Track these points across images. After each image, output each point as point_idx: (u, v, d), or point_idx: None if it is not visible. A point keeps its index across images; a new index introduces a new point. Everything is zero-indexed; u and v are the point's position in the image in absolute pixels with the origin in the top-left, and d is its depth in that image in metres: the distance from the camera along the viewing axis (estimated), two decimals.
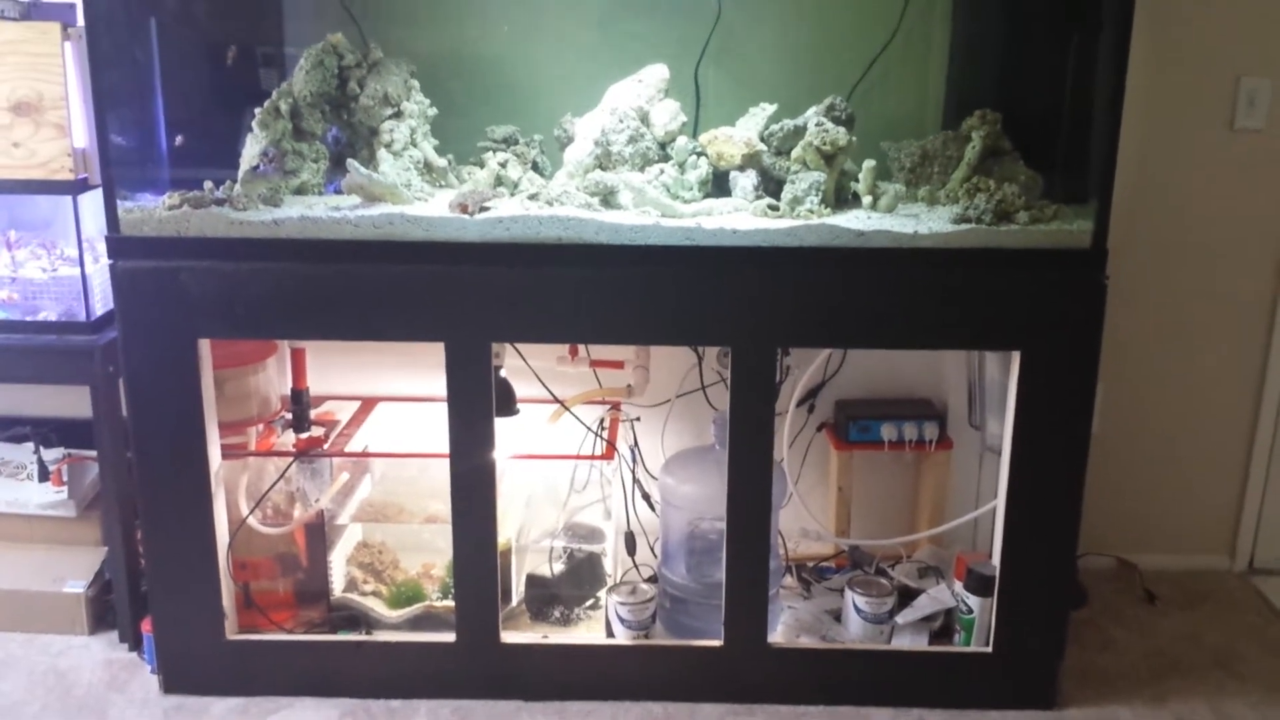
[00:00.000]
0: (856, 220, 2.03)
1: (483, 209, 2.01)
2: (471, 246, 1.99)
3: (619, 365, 2.47)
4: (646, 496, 2.52)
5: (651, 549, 2.51)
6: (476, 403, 2.07)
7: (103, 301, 2.31)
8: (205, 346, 2.08)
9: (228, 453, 2.20)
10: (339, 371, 2.56)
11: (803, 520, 2.56)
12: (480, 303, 2.02)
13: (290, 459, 2.25)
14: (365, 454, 2.35)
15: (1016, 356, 2.04)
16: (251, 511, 2.23)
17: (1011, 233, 1.98)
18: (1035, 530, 2.11)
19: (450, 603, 2.20)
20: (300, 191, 2.14)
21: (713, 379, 2.53)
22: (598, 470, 2.44)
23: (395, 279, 2.01)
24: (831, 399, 2.62)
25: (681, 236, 1.98)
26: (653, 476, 2.53)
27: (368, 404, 2.51)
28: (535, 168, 2.25)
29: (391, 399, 2.54)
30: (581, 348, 2.50)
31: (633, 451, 2.48)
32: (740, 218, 2.05)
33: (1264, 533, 2.76)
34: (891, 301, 2.01)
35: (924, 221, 2.01)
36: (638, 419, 2.51)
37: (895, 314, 2.02)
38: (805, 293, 2.01)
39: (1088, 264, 1.99)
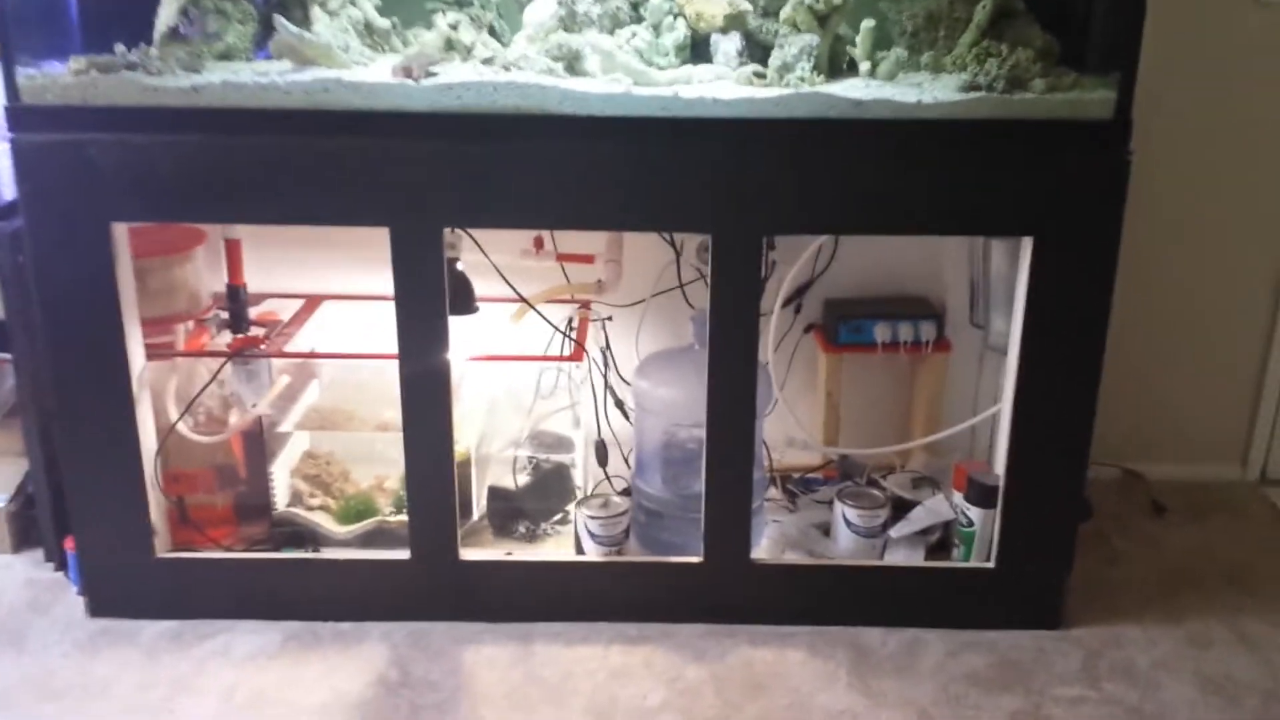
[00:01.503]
0: (853, 89, 1.80)
1: (429, 74, 1.77)
2: (418, 117, 1.76)
3: (589, 260, 2.25)
4: (620, 404, 2.32)
5: (625, 460, 2.32)
6: (428, 297, 1.85)
7: (12, 186, 2.06)
8: (121, 232, 1.85)
9: (153, 353, 1.98)
10: (281, 267, 2.33)
11: (788, 428, 2.36)
12: (429, 183, 1.79)
13: (223, 360, 2.03)
14: (304, 354, 2.13)
15: (1028, 244, 1.83)
16: (181, 417, 2.01)
17: (1025, 102, 1.76)
18: (1044, 436, 1.92)
19: (405, 518, 2.00)
20: (225, 57, 1.88)
21: (692, 276, 2.32)
22: (565, 375, 2.24)
23: (331, 154, 1.78)
24: (820, 298, 2.41)
25: (656, 107, 1.76)
26: (626, 382, 2.33)
27: (312, 302, 2.29)
28: (492, 32, 2.00)
29: (339, 297, 2.32)
30: (548, 240, 2.28)
31: (604, 354, 2.27)
32: (722, 86, 1.82)
33: (1278, 441, 2.59)
34: (891, 181, 1.80)
35: (928, 90, 1.79)
36: (609, 319, 2.30)
37: (895, 195, 1.81)
38: (795, 172, 1.79)
39: (1110, 138, 1.78)
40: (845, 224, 1.91)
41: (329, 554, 2.07)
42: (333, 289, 2.34)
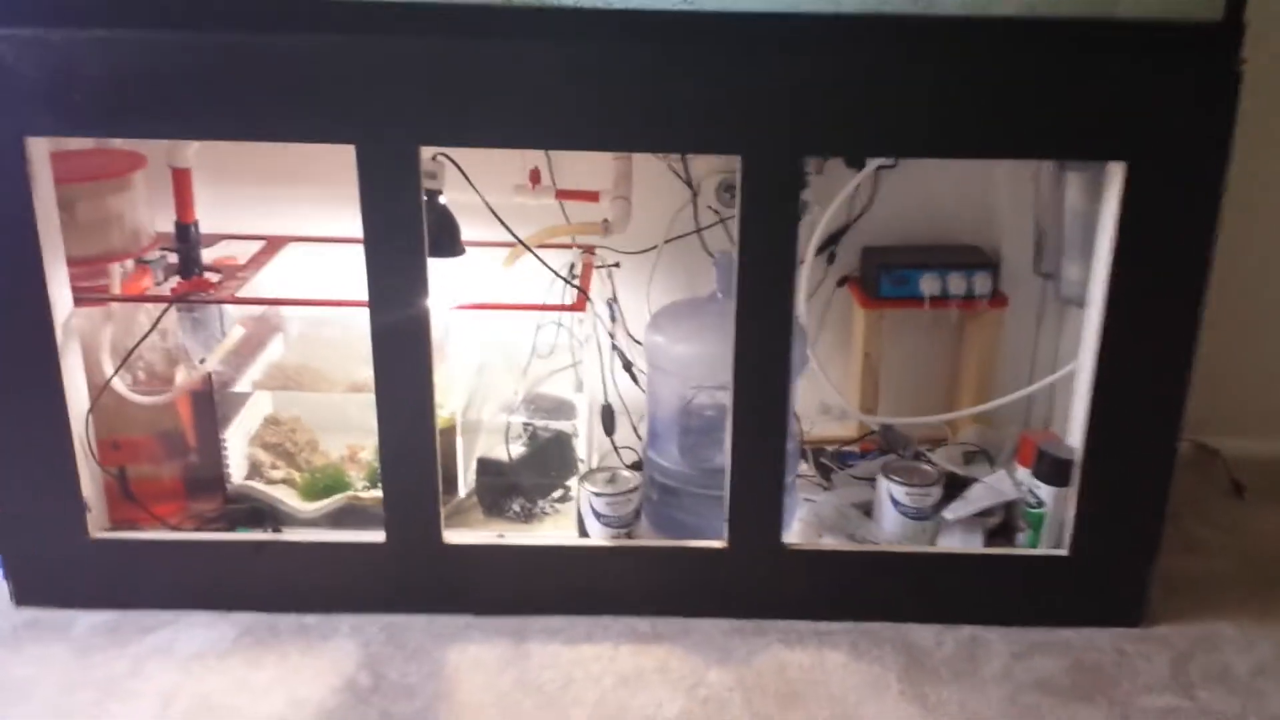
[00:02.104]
0: None
1: None
2: (390, 7, 1.46)
3: (593, 197, 1.96)
4: (629, 366, 2.02)
5: (635, 430, 2.03)
6: (402, 228, 1.56)
7: None
8: (39, 150, 1.55)
9: (82, 296, 1.68)
10: (240, 205, 2.03)
11: (821, 394, 2.06)
12: (402, 90, 1.50)
13: (165, 305, 1.74)
14: (259, 300, 1.84)
15: (1118, 172, 1.54)
16: (116, 372, 1.72)
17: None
18: (1131, 402, 1.63)
19: (380, 493, 1.72)
20: None
21: (710, 220, 2.03)
22: (566, 331, 1.94)
23: (286, 54, 1.48)
24: (856, 246, 2.12)
25: None
26: (636, 341, 2.04)
27: (274, 244, 1.99)
28: None
29: (306, 239, 2.02)
30: (545, 173, 1.98)
31: (611, 307, 1.98)
32: None
33: None
34: (956, 93, 1.50)
35: None
36: (616, 265, 2.00)
37: (960, 110, 1.51)
38: (841, 81, 1.49)
39: (1217, 44, 1.48)
40: (900, 145, 1.60)
41: (291, 535, 1.78)
42: (300, 231, 2.04)
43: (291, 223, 2.04)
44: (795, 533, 1.84)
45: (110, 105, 1.51)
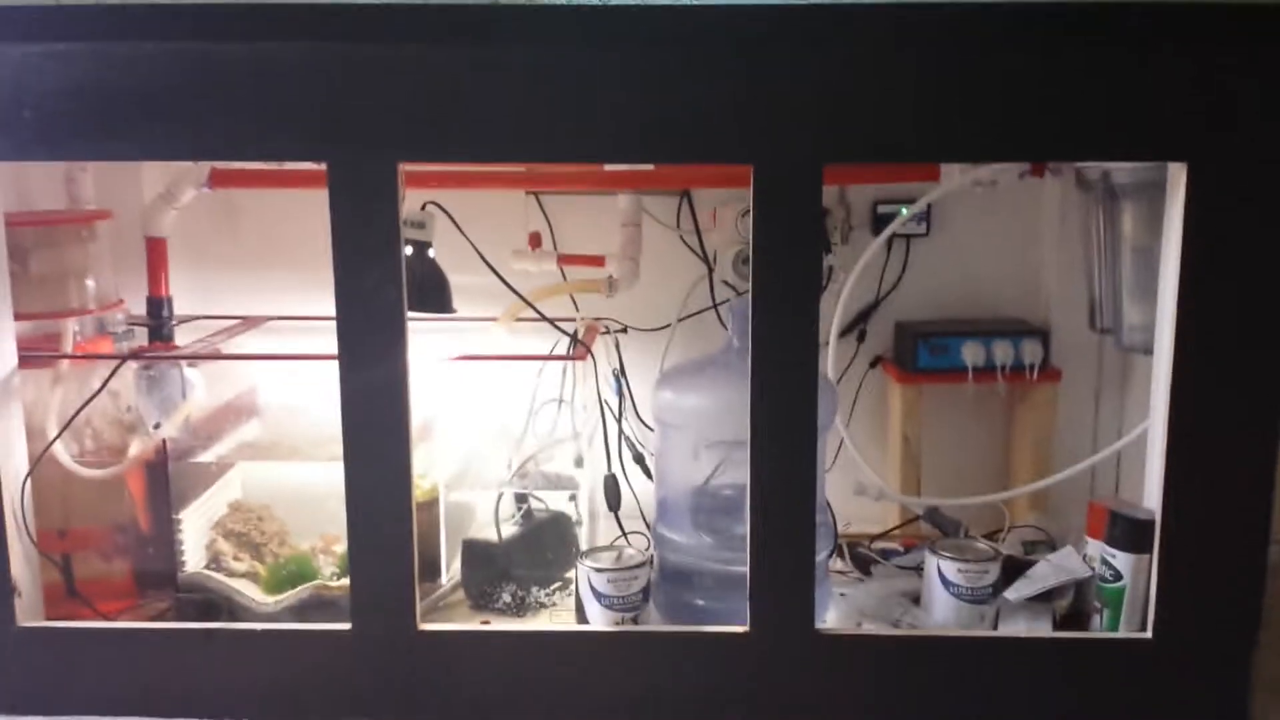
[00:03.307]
0: None
1: None
2: (366, 11, 1.34)
3: (598, 262, 1.81)
4: (640, 458, 1.82)
5: (644, 518, 1.81)
6: (377, 259, 1.40)
7: None
8: None
9: (28, 354, 1.52)
10: (220, 288, 1.90)
11: (855, 476, 1.83)
12: (380, 101, 1.36)
13: (117, 362, 1.57)
14: (220, 355, 1.66)
15: (1180, 177, 1.37)
16: (58, 436, 1.53)
17: None
18: (1213, 453, 1.40)
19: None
20: None
21: (727, 295, 1.88)
22: (568, 405, 1.75)
23: (255, 65, 1.36)
24: (888, 322, 1.94)
25: None
26: (648, 427, 1.84)
27: (251, 322, 1.83)
28: None
29: (286, 318, 1.86)
30: (546, 237, 1.84)
31: (617, 379, 1.79)
32: None
33: None
34: (993, 87, 1.35)
35: None
36: (624, 329, 1.83)
37: (999, 106, 1.35)
38: (863, 76, 1.35)
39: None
40: (931, 148, 1.43)
41: (242, 626, 1.55)
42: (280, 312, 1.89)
43: (272, 309, 1.90)
44: (830, 621, 1.59)
45: (64, 124, 1.38)
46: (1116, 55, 1.33)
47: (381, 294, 1.41)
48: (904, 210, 1.80)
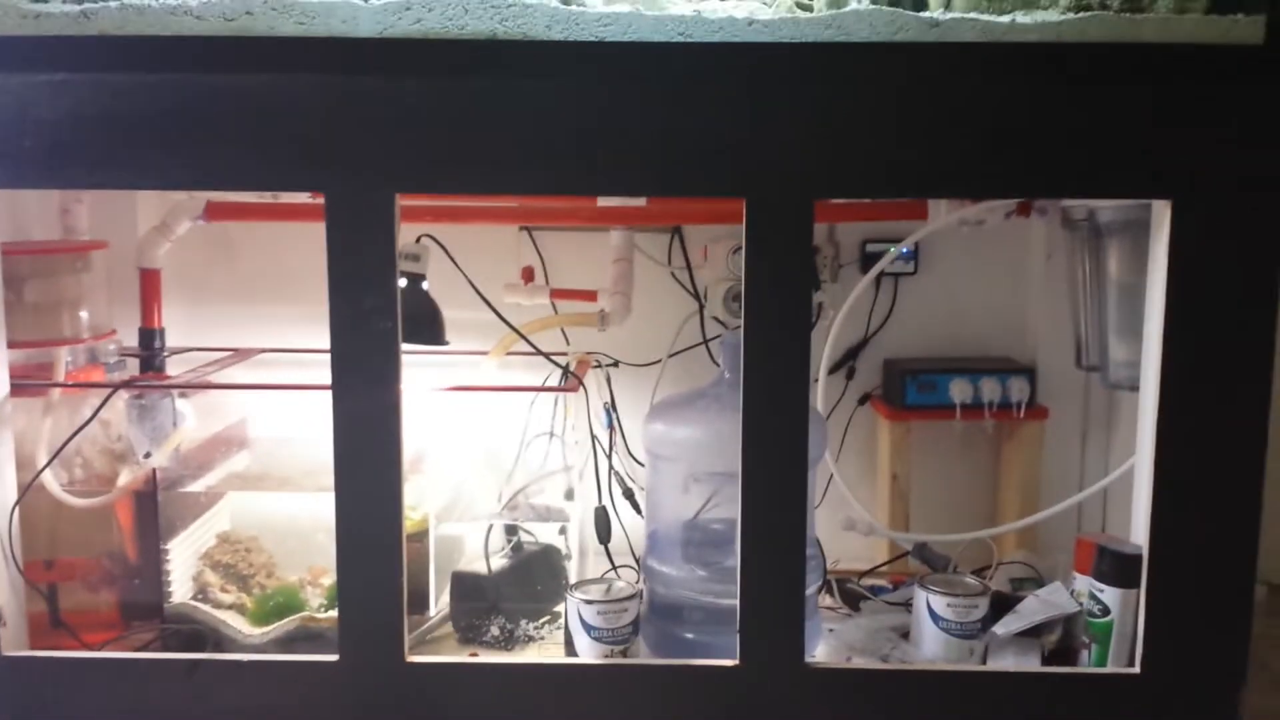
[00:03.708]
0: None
1: None
2: (365, 45, 1.36)
3: (590, 297, 1.82)
4: (629, 494, 1.82)
5: (634, 555, 1.81)
6: (372, 288, 1.41)
7: None
8: None
9: (19, 383, 1.52)
10: (214, 321, 1.91)
11: (843, 513, 1.82)
12: (378, 133, 1.38)
13: (109, 391, 1.57)
14: (210, 384, 1.66)
15: (1165, 213, 1.39)
16: (48, 464, 1.53)
17: (1150, 22, 1.35)
18: (1199, 487, 1.41)
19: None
20: None
21: (718, 332, 1.89)
22: (559, 439, 1.75)
23: (254, 95, 1.37)
24: (877, 360, 1.95)
25: (673, 30, 1.36)
26: (639, 462, 1.85)
27: (243, 354, 1.84)
28: None
29: (278, 350, 1.87)
30: (539, 271, 1.85)
31: (608, 413, 1.79)
32: (758, 3, 1.43)
33: None
34: (977, 126, 1.37)
35: (1027, 9, 1.39)
36: (614, 364, 1.84)
37: (982, 144, 1.38)
38: (854, 114, 1.37)
39: (1258, 69, 1.36)
40: (920, 183, 1.45)
41: (229, 655, 1.54)
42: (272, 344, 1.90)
43: (266, 343, 1.90)
44: (820, 655, 1.59)
45: (64, 152, 1.39)
46: (1102, 94, 1.36)
47: (376, 324, 1.42)
48: (892, 249, 1.83)
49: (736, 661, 1.46)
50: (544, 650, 1.61)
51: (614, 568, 1.74)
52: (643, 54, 1.37)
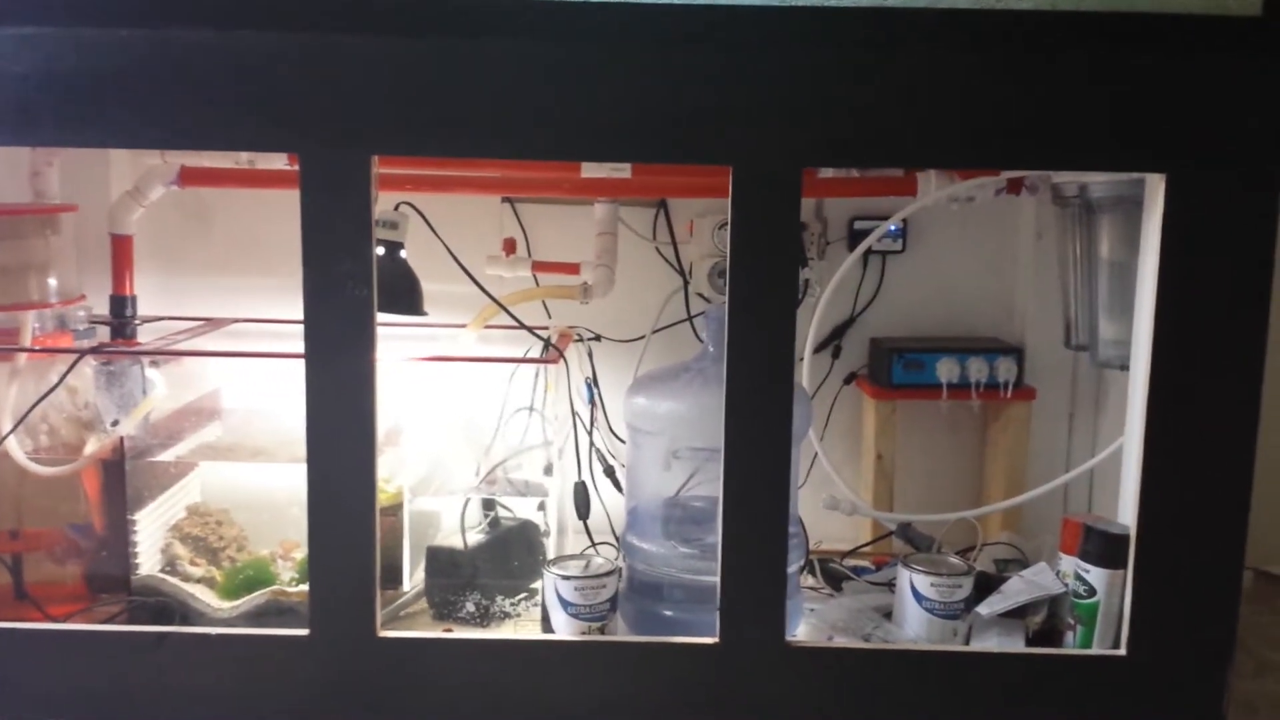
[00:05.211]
0: None
1: None
2: (340, 1, 1.33)
3: (572, 269, 1.78)
4: (610, 471, 1.79)
5: (614, 533, 1.78)
6: (347, 254, 1.37)
7: None
8: None
9: None
10: (188, 290, 1.87)
11: (826, 492, 1.79)
12: (354, 93, 1.34)
13: (75, 356, 1.53)
14: (181, 352, 1.62)
15: (1159, 188, 1.36)
16: (11, 431, 1.49)
17: None
18: (1188, 467, 1.39)
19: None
20: None
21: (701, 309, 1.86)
22: (540, 415, 1.72)
23: (227, 52, 1.33)
24: (863, 340, 1.92)
25: None
26: (620, 439, 1.82)
27: (215, 324, 1.80)
28: None
29: (250, 320, 1.83)
30: (521, 244, 1.82)
31: (590, 388, 1.76)
32: None
33: None
34: (970, 97, 1.34)
35: None
36: (596, 338, 1.81)
37: (974, 112, 1.34)
38: (845, 81, 1.34)
39: (1257, 40, 1.33)
40: (910, 153, 1.42)
41: (196, 629, 1.50)
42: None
43: (240, 313, 1.87)
44: (801, 634, 1.56)
45: (32, 109, 1.35)
46: (1096, 65, 1.33)
47: (350, 290, 1.38)
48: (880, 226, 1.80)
49: (716, 639, 1.43)
50: (520, 627, 1.58)
51: (593, 544, 1.71)
52: (627, 15, 1.33)
